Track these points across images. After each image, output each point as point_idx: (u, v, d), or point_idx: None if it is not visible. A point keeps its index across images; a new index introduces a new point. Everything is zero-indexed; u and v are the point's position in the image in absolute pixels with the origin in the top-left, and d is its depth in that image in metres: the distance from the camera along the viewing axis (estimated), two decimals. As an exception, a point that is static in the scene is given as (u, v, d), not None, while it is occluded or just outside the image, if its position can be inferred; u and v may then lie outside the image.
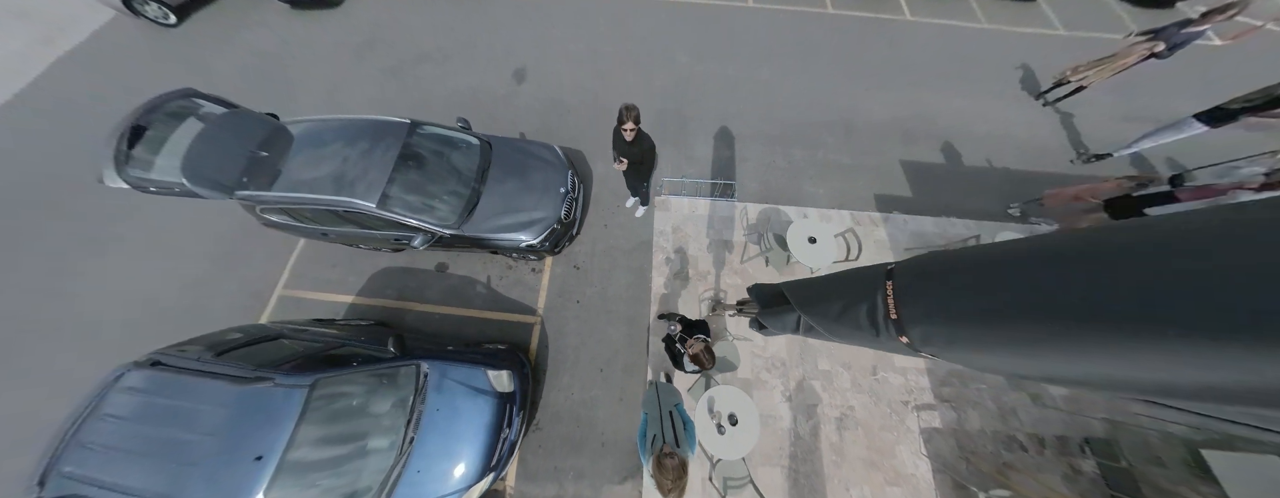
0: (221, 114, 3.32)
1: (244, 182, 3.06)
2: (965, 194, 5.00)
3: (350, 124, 3.36)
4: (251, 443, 2.19)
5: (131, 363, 2.51)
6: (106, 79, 6.32)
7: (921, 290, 1.03)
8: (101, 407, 2.33)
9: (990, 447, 3.36)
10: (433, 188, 3.23)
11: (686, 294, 4.10)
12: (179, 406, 2.28)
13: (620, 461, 3.44)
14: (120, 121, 3.05)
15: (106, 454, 2.21)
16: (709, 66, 6.01)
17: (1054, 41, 6.70)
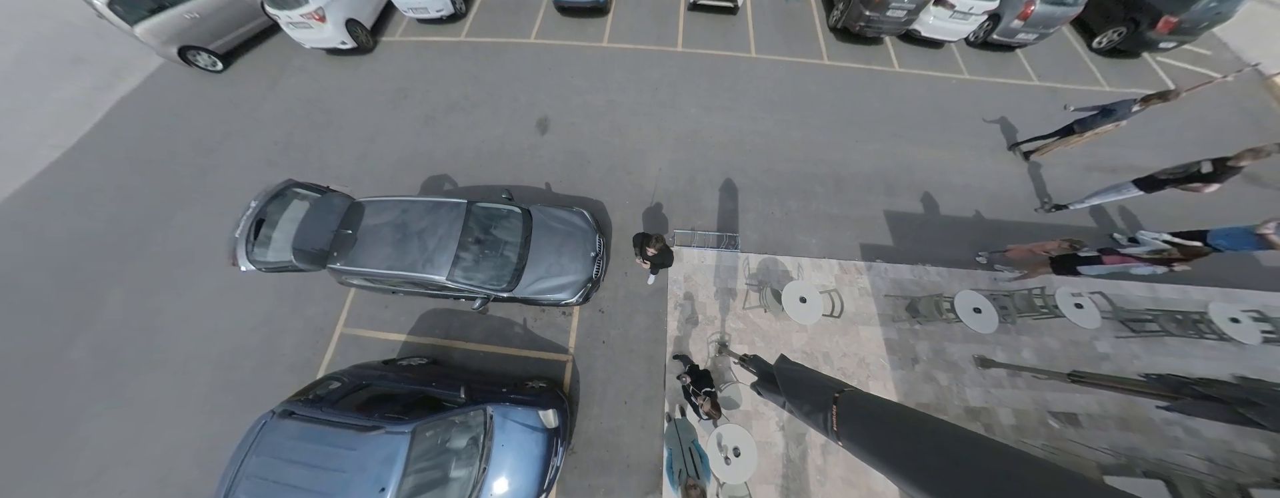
0: (315, 200, 4.01)
1: (334, 256, 3.77)
2: (940, 243, 5.77)
3: (418, 203, 4.08)
4: (375, 479, 2.91)
5: (270, 413, 3.24)
6: (164, 122, 6.99)
7: (855, 424, 1.74)
8: (256, 447, 3.05)
9: (945, 470, 4.14)
10: (488, 258, 3.96)
11: (696, 336, 4.86)
12: (313, 448, 3.03)
13: (643, 479, 4.20)
14: (245, 214, 3.76)
15: (266, 486, 2.96)
16: (716, 118, 6.74)
17: (1029, 91, 7.46)
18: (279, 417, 3.18)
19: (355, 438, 3.03)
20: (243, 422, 4.68)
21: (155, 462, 4.50)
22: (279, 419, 3.17)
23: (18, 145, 6.56)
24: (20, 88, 7.27)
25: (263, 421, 3.21)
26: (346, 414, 3.22)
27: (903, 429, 1.65)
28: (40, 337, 5.25)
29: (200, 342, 5.18)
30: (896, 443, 1.59)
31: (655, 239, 3.80)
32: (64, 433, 4.71)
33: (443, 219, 3.89)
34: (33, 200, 6.19)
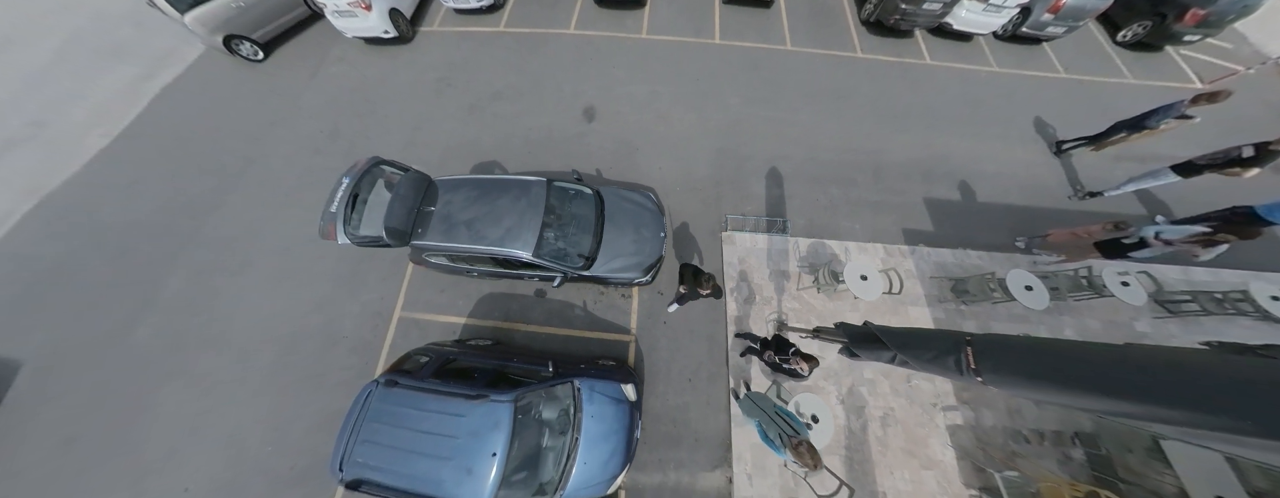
0: (401, 178, 4.14)
1: (419, 232, 3.92)
2: (978, 228, 6.00)
3: (498, 182, 4.22)
4: (486, 443, 3.07)
5: (375, 383, 3.40)
6: (208, 111, 7.09)
7: (997, 357, 1.94)
8: (367, 414, 3.21)
9: (1001, 439, 4.37)
10: (567, 235, 4.11)
11: (755, 316, 5.06)
12: (423, 414, 3.19)
13: (710, 453, 4.39)
14: (338, 189, 3.88)
15: (379, 449, 3.12)
16: (757, 109, 6.94)
17: (1056, 84, 7.72)
18: (384, 386, 3.33)
19: (463, 405, 3.19)
20: (309, 401, 4.93)
21: (226, 440, 4.63)
22: (385, 388, 3.33)
23: (68, 134, 6.64)
24: (65, 79, 7.34)
25: (368, 389, 3.37)
26: (448, 384, 3.39)
27: (1043, 355, 1.85)
28: (103, 319, 5.36)
29: (261, 324, 5.30)
30: (1041, 365, 1.79)
31: (708, 279, 3.81)
32: (134, 413, 4.83)
33: (523, 197, 4.03)
34: (86, 187, 6.27)
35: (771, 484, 4.20)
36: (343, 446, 3.17)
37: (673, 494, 4.24)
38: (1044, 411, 4.57)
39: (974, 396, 4.69)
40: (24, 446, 4.67)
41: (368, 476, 3.04)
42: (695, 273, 3.98)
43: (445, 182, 4.33)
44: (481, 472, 2.97)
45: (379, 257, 5.65)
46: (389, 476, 3.03)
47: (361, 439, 3.14)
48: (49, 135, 6.68)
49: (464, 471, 2.98)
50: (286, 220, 6.01)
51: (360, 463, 3.09)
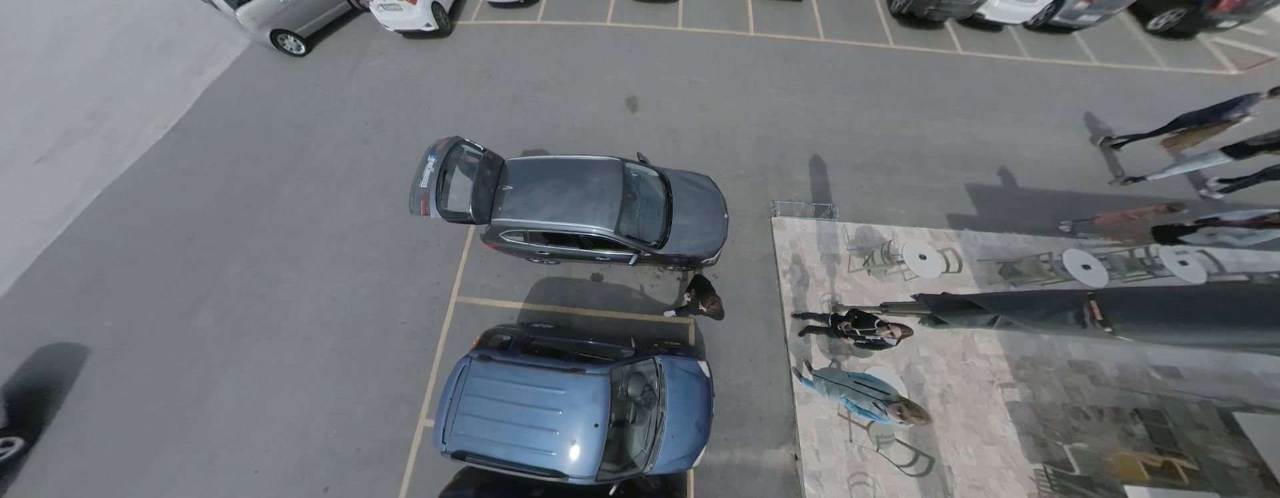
0: (482, 157, 4.24)
1: (499, 210, 4.00)
2: (1020, 213, 6.04)
3: (573, 162, 4.27)
4: (588, 415, 3.13)
5: (468, 358, 3.46)
6: (256, 104, 7.22)
7: (1127, 306, 2.00)
8: (465, 387, 3.28)
9: (1061, 416, 4.41)
10: (642, 214, 4.16)
11: (810, 297, 5.12)
12: (521, 388, 3.25)
13: (775, 431, 4.45)
14: (425, 167, 3.94)
15: (480, 421, 3.19)
16: (795, 99, 7.01)
17: (1088, 72, 7.76)
18: (478, 361, 3.40)
19: (561, 378, 3.25)
20: (369, 385, 5.00)
21: (291, 423, 4.70)
22: (479, 363, 3.39)
23: (126, 126, 6.78)
24: (119, 74, 7.50)
25: (463, 365, 3.43)
26: (540, 359, 3.45)
27: (1178, 298, 1.91)
28: (167, 305, 5.45)
29: (319, 310, 5.38)
30: (1180, 307, 1.85)
31: (714, 300, 3.77)
32: (200, 396, 4.92)
33: (599, 176, 4.09)
34: (146, 177, 6.41)
35: (838, 459, 4.25)
36: (443, 419, 3.24)
37: (740, 472, 4.30)
38: (1100, 388, 4.62)
39: (1030, 373, 4.73)
40: (95, 429, 4.77)
41: (470, 447, 3.12)
42: (705, 288, 3.94)
43: (517, 162, 4.40)
44: (585, 443, 3.04)
45: (434, 243, 5.74)
46: (492, 447, 3.09)
47: (461, 412, 3.21)
48: (107, 128, 6.81)
49: (568, 441, 3.05)
50: (340, 208, 6.11)
51: (462, 435, 3.15)
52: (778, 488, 4.22)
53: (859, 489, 4.13)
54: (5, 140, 6.80)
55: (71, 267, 5.79)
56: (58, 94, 7.19)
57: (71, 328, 5.34)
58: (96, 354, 5.16)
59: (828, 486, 4.14)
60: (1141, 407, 4.38)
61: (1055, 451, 4.23)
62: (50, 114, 7.00)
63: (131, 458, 4.56)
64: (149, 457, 4.56)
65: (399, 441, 4.50)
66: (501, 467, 3.07)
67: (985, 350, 4.87)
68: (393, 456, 4.44)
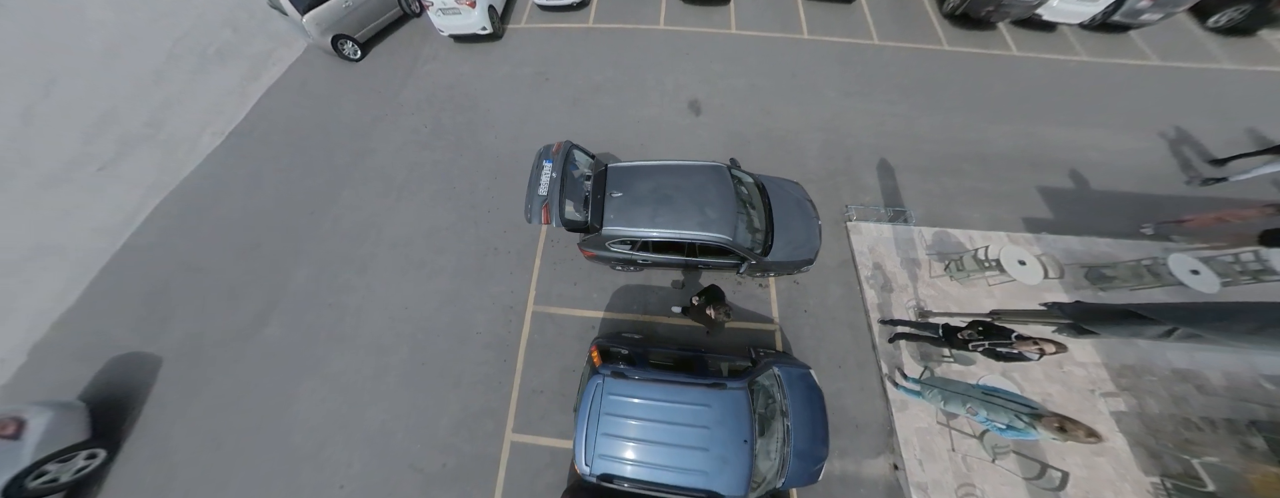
0: (601, 167, 4.15)
1: (610, 218, 3.87)
2: (1097, 215, 5.88)
3: (678, 167, 4.12)
4: (736, 431, 3.01)
5: (601, 376, 3.30)
6: (313, 109, 7.18)
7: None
8: (604, 406, 3.15)
9: (1171, 426, 4.25)
10: (752, 221, 4.07)
11: (894, 302, 4.99)
12: (663, 405, 3.12)
13: (872, 440, 4.31)
14: (542, 173, 3.87)
15: (624, 442, 3.05)
16: (854, 102, 6.91)
17: (1150, 72, 7.61)
18: (611, 377, 3.27)
19: (704, 394, 3.13)
20: (449, 398, 4.87)
21: (372, 436, 4.57)
22: (613, 379, 3.26)
23: (184, 133, 6.76)
24: (176, 81, 7.50)
25: (597, 383, 3.27)
26: (675, 373, 3.33)
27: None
28: (236, 314, 5.37)
29: (391, 319, 5.26)
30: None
31: (724, 309, 3.62)
32: (278, 408, 4.81)
33: (707, 181, 3.97)
34: (206, 184, 6.36)
35: (943, 469, 4.10)
36: (585, 441, 3.09)
37: (840, 483, 4.15)
38: (1209, 398, 4.45)
39: (1133, 382, 4.58)
40: (175, 442, 4.66)
41: (617, 470, 2.98)
42: (717, 298, 3.74)
43: (620, 168, 4.28)
44: (737, 460, 2.92)
45: (504, 250, 5.63)
46: (640, 469, 2.96)
47: (603, 433, 3.07)
48: (165, 135, 6.78)
49: (720, 460, 2.92)
50: (403, 214, 6.03)
51: (607, 457, 3.02)
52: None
53: (969, 503, 4.00)
54: (66, 148, 6.78)
55: (138, 275, 5.72)
56: (116, 102, 7.19)
57: (142, 338, 5.27)
58: (169, 364, 5.07)
59: (936, 497, 4.01)
60: (1258, 419, 4.23)
61: (1171, 463, 4.08)
62: (110, 121, 6.98)
63: (213, 472, 4.45)
64: (231, 471, 4.45)
65: (486, 456, 4.36)
66: (652, 490, 2.95)
67: (1082, 358, 4.71)
68: (482, 472, 4.30)
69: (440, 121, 6.83)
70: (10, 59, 7.94)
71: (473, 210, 5.80)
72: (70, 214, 6.18)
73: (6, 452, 3.85)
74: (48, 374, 5.04)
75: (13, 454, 3.88)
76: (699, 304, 3.80)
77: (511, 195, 5.95)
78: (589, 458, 3.03)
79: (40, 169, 6.62)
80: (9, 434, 3.91)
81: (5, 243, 5.95)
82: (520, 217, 5.66)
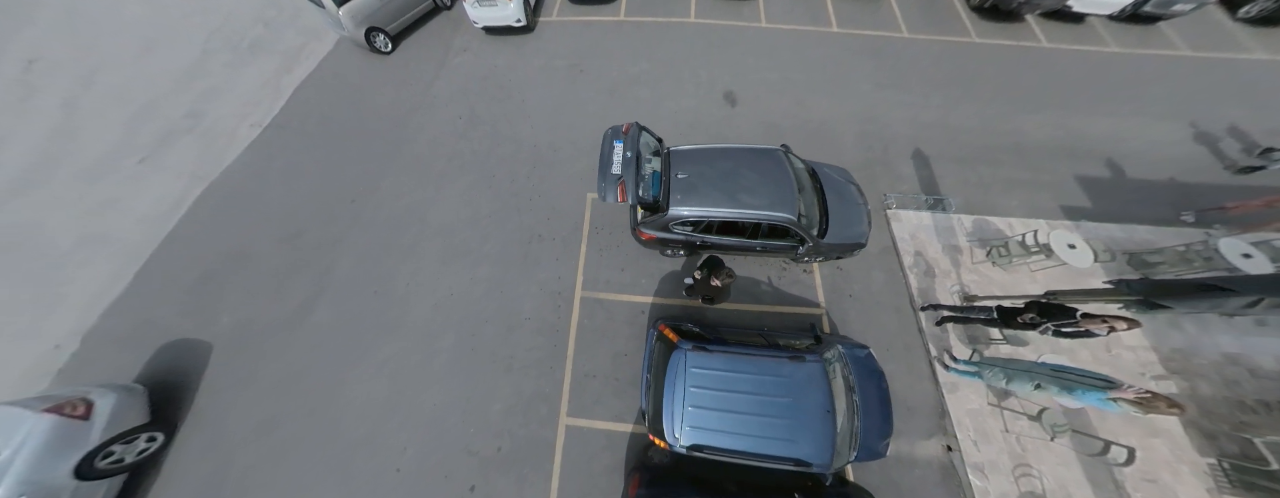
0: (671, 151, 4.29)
1: (676, 199, 3.98)
2: (1136, 203, 5.97)
3: (737, 150, 4.28)
4: (818, 401, 3.12)
5: (681, 349, 3.43)
6: (347, 100, 7.33)
7: None
8: (687, 378, 3.26)
9: (1226, 409, 4.31)
10: (810, 203, 4.18)
11: (938, 287, 5.07)
12: (745, 376, 3.24)
13: (924, 421, 4.38)
14: (613, 153, 4.00)
15: (711, 413, 3.16)
16: (888, 94, 7.03)
17: (1182, 63, 7.69)
18: (693, 351, 3.38)
19: (784, 366, 3.25)
20: (501, 383, 4.94)
21: (426, 421, 4.65)
22: (694, 353, 3.37)
23: (222, 125, 6.91)
24: (211, 75, 7.67)
25: (680, 356, 3.39)
26: (752, 347, 3.44)
27: None
28: (282, 302, 5.48)
29: (437, 306, 5.36)
30: None
31: (726, 272, 3.71)
32: (329, 394, 4.90)
33: (767, 164, 4.12)
34: (247, 174, 6.50)
35: (998, 450, 4.17)
36: (673, 413, 3.20)
37: (896, 464, 4.21)
38: (1261, 381, 4.51)
39: (1182, 366, 4.63)
40: (229, 427, 4.76)
41: (705, 440, 3.09)
42: (717, 264, 3.85)
43: (681, 151, 4.40)
44: (821, 429, 3.03)
45: (548, 237, 5.73)
46: (728, 438, 3.07)
47: (690, 405, 3.18)
48: (205, 126, 6.93)
49: (805, 429, 3.04)
50: (444, 202, 6.15)
51: (695, 428, 3.13)
52: (936, 479, 4.14)
53: (1025, 481, 4.04)
54: (109, 140, 6.93)
55: (184, 264, 5.84)
56: (155, 95, 7.34)
57: (191, 324, 5.38)
58: (220, 351, 5.18)
59: (993, 478, 4.06)
60: (1313, 400, 4.29)
61: (1227, 445, 4.14)
62: (149, 114, 7.14)
63: (269, 456, 4.54)
64: (285, 455, 4.54)
65: (541, 439, 4.44)
66: (740, 458, 3.05)
67: (1130, 342, 4.78)
68: (537, 455, 4.39)
69: (476, 112, 6.95)
70: (49, 54, 8.12)
71: (515, 198, 5.92)
72: (115, 204, 6.32)
73: (78, 432, 3.97)
74: (101, 361, 5.16)
75: (83, 434, 4.00)
76: (702, 277, 3.93)
77: (553, 184, 6.08)
78: (678, 429, 3.13)
79: (84, 160, 6.76)
80: (79, 415, 4.02)
81: (53, 233, 6.09)
82: (564, 204, 5.88)
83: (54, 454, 3.78)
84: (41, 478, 3.68)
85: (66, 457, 3.84)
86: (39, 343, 5.31)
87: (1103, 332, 3.20)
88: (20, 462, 3.61)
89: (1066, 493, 4.02)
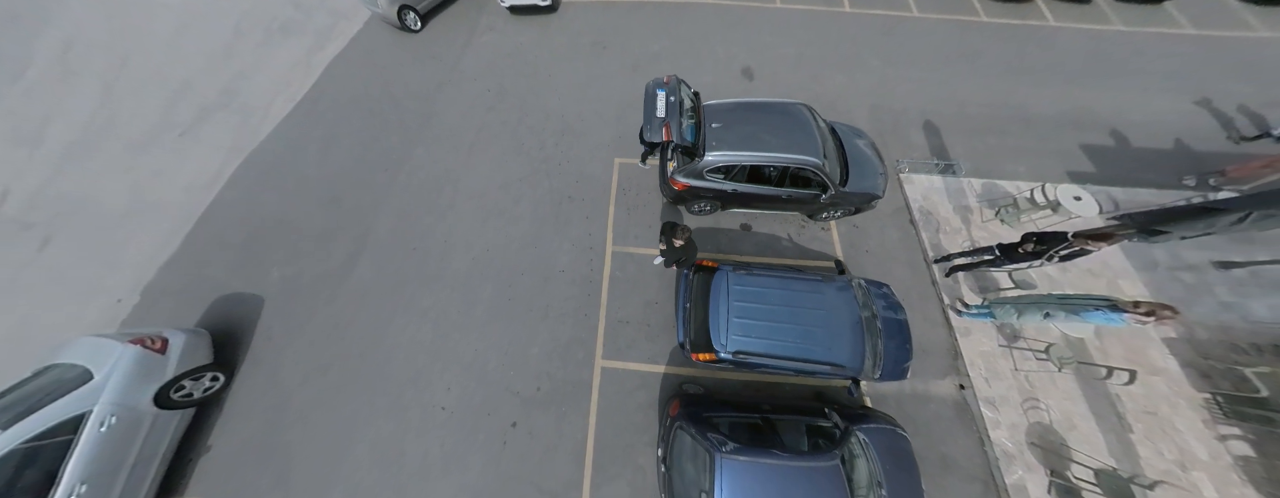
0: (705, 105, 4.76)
1: (712, 145, 4.46)
2: (1139, 170, 6.39)
3: (763, 103, 4.78)
4: (850, 314, 3.61)
5: (724, 269, 3.98)
6: (377, 76, 7.80)
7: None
8: (732, 294, 3.76)
9: (1220, 351, 4.69)
10: (832, 153, 4.63)
11: (949, 244, 5.47)
12: (783, 292, 3.73)
13: (938, 363, 4.79)
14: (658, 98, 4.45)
15: (753, 324, 3.63)
16: (899, 70, 7.48)
17: (1185, 40, 8.11)
18: (735, 271, 3.91)
19: (817, 285, 3.75)
20: (538, 329, 5.37)
21: (468, 364, 5.06)
22: (735, 273, 3.89)
23: (257, 101, 7.38)
24: (244, 55, 8.16)
25: (723, 275, 3.92)
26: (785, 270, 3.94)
27: None
28: (326, 259, 5.92)
29: (475, 260, 5.79)
30: None
31: (681, 231, 3.94)
32: (375, 340, 5.32)
33: (793, 115, 4.61)
34: (283, 146, 6.97)
35: (1008, 386, 4.58)
36: (718, 325, 3.66)
37: (912, 400, 4.63)
38: (1255, 325, 4.89)
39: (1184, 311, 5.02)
40: (285, 371, 5.18)
41: (749, 347, 3.55)
42: (672, 227, 4.11)
43: (713, 104, 4.89)
44: (853, 339, 3.52)
45: (578, 198, 6.17)
46: (770, 344, 3.53)
47: (735, 316, 3.65)
48: (240, 103, 7.40)
49: (839, 338, 3.52)
50: (475, 168, 6.59)
51: (741, 336, 3.59)
52: (951, 414, 4.55)
53: (1033, 413, 4.44)
54: (149, 117, 7.40)
55: (230, 227, 6.29)
56: (190, 75, 7.82)
57: (241, 280, 5.81)
58: (271, 303, 5.62)
59: (1003, 410, 4.46)
60: (1301, 341, 4.67)
61: (1221, 381, 4.52)
62: (186, 92, 7.61)
63: (323, 396, 4.97)
64: (339, 393, 4.97)
65: (579, 380, 4.86)
66: (781, 361, 3.49)
67: (1131, 293, 5.18)
68: (576, 394, 4.80)
69: (504, 86, 7.40)
70: (86, 37, 8.59)
71: (545, 164, 6.37)
72: (160, 175, 6.77)
73: (156, 364, 4.41)
74: (160, 313, 5.60)
75: (161, 366, 4.44)
76: (667, 243, 4.23)
77: (581, 151, 6.54)
78: (724, 338, 3.57)
79: (127, 136, 7.23)
80: (157, 348, 4.46)
81: (105, 201, 6.55)
82: (592, 169, 6.34)
83: (138, 381, 4.22)
84: (129, 401, 4.12)
85: (148, 385, 4.29)
86: (102, 297, 5.76)
87: (1096, 248, 3.58)
88: (113, 384, 4.05)
89: (1071, 423, 4.43)
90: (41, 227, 6.43)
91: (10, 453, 3.50)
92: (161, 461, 4.39)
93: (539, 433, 4.62)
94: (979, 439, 4.43)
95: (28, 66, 8.15)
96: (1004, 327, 4.93)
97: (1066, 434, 4.39)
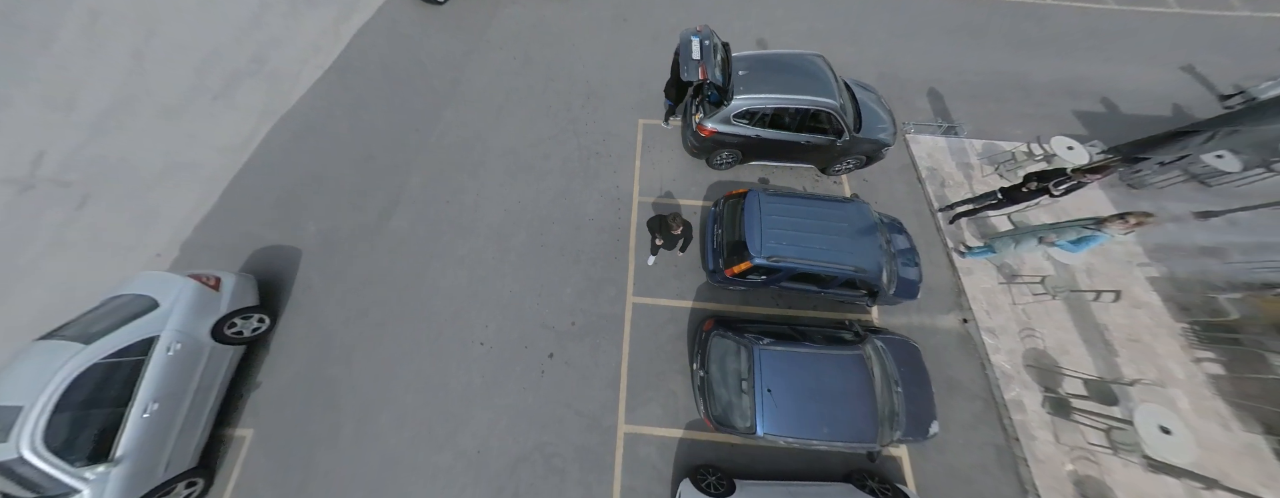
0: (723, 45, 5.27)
1: (740, 90, 4.96)
2: (1130, 132, 6.87)
3: (784, 54, 5.35)
4: (870, 232, 4.13)
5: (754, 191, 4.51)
6: (404, 45, 8.19)
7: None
8: (764, 210, 4.26)
9: (1198, 288, 5.23)
10: (846, 100, 5.14)
11: (953, 196, 5.97)
12: (808, 209, 4.26)
13: (942, 300, 5.31)
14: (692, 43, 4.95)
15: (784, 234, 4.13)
16: (904, 42, 8.06)
17: (1170, 18, 8.74)
18: (763, 191, 4.44)
19: (839, 204, 4.28)
20: (570, 271, 5.87)
21: (505, 304, 5.49)
22: (764, 194, 4.42)
23: (287, 68, 7.71)
24: (271, 25, 8.43)
25: (754, 196, 4.44)
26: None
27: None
28: (361, 212, 6.30)
29: (507, 212, 6.22)
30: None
31: (674, 218, 4.30)
32: (413, 284, 5.72)
33: (811, 64, 5.15)
34: (314, 110, 7.31)
35: (1007, 318, 5.10)
36: (751, 236, 4.16)
37: (920, 331, 5.14)
38: (1231, 266, 5.43)
39: (1164, 256, 5.60)
40: (326, 314, 5.57)
41: (782, 252, 4.05)
42: (661, 221, 4.50)
43: (738, 56, 5.40)
44: (874, 250, 4.04)
45: (605, 153, 6.64)
46: (800, 249, 4.03)
47: (768, 229, 4.15)
48: (269, 69, 7.72)
49: (862, 249, 4.03)
50: (504, 128, 7.02)
51: (774, 246, 4.08)
52: (955, 345, 5.06)
53: (1029, 340, 4.96)
54: (181, 83, 7.69)
55: (266, 185, 6.63)
56: (218, 43, 8.11)
57: (279, 234, 6.17)
58: (309, 255, 5.98)
59: (1002, 338, 4.98)
60: (1271, 282, 5.21)
61: (1197, 313, 5.04)
62: (216, 60, 7.91)
63: (365, 336, 5.35)
64: (381, 335, 5.36)
65: (612, 315, 5.32)
66: (811, 266, 3.99)
67: (1121, 238, 5.68)
68: (609, 328, 5.25)
69: (529, 55, 7.83)
70: (112, 7, 8.87)
71: (572, 124, 6.81)
72: (194, 138, 7.09)
73: (212, 300, 4.78)
74: (199, 266, 5.92)
75: (216, 302, 4.81)
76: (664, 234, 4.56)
77: (606, 113, 7.01)
78: (758, 246, 4.06)
79: (161, 100, 7.52)
80: (212, 285, 4.83)
81: (142, 161, 6.85)
82: (618, 128, 6.83)
83: (197, 313, 4.59)
84: (190, 330, 4.48)
85: (205, 318, 4.65)
86: (142, 253, 6.08)
87: (1093, 181, 4.08)
88: (177, 312, 4.42)
89: (1064, 349, 4.95)
90: (79, 186, 6.73)
91: (94, 366, 3.88)
92: (218, 391, 4.78)
93: (575, 362, 5.06)
94: (980, 364, 4.94)
95: (56, 36, 8.43)
96: (1003, 266, 5.47)
97: (1059, 359, 4.92)
